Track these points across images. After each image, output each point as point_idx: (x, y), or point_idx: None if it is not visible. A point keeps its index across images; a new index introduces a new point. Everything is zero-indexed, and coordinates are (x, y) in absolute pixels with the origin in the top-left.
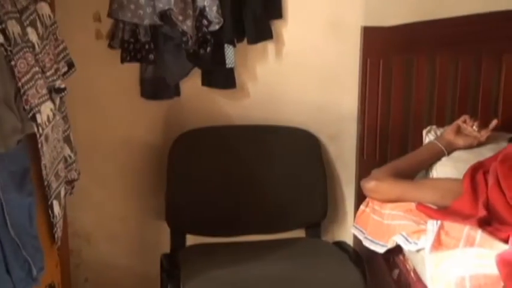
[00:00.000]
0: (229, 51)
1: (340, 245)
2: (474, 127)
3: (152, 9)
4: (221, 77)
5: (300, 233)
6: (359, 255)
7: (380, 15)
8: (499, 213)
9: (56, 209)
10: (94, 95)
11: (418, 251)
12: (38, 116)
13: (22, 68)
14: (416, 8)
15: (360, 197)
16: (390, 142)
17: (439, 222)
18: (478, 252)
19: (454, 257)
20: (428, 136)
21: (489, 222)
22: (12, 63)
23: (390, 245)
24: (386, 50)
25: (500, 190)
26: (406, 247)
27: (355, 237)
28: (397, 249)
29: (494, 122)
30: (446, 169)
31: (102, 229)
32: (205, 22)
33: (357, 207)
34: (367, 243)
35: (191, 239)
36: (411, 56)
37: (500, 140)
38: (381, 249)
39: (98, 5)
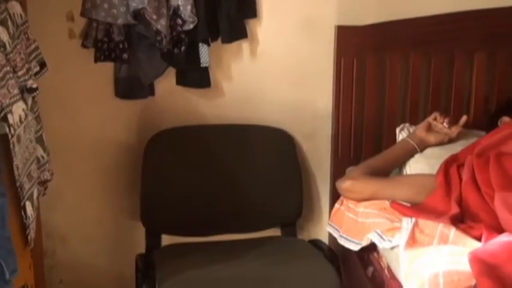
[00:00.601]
0: (203, 50)
1: (316, 243)
2: (445, 124)
3: (126, 8)
4: (196, 76)
5: (275, 232)
6: (334, 253)
7: (354, 15)
8: (472, 209)
9: (29, 210)
10: (67, 95)
11: (392, 248)
12: (9, 116)
13: None
14: (389, 7)
15: (335, 195)
16: (364, 140)
17: (413, 219)
18: (452, 250)
19: (428, 254)
20: (402, 134)
21: (462, 220)
22: None
23: (365, 242)
24: (360, 49)
25: (475, 185)
26: (381, 245)
27: (331, 236)
28: (372, 247)
29: (464, 118)
30: (420, 166)
31: (76, 230)
32: (179, 21)
33: (332, 206)
34: (342, 241)
35: (167, 239)
36: (384, 55)
37: (470, 136)
38: (355, 247)
39: (71, 4)
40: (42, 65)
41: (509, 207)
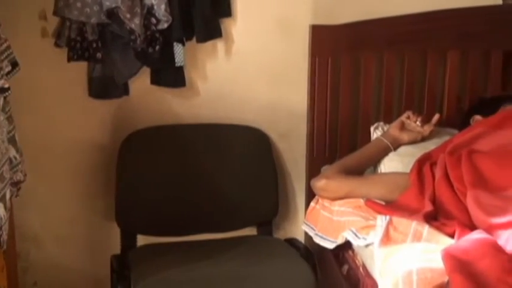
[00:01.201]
0: (178, 49)
1: (292, 242)
2: (418, 122)
3: (99, 7)
4: (170, 76)
5: (251, 231)
6: (310, 252)
7: (328, 14)
8: (445, 206)
9: (1, 211)
10: (40, 95)
11: (367, 246)
12: None
13: None
14: (363, 7)
15: (311, 194)
16: (339, 139)
17: (387, 217)
18: (425, 247)
19: (402, 252)
20: (376, 133)
21: (435, 217)
22: None
23: (340, 240)
24: (334, 49)
25: (448, 182)
26: (356, 242)
27: (307, 234)
28: (347, 245)
29: (436, 117)
30: (394, 164)
31: (50, 231)
32: (153, 20)
33: (307, 204)
34: (317, 240)
35: (142, 239)
36: (359, 54)
37: (443, 134)
38: (330, 245)
39: (43, 2)
40: (14, 64)
41: (481, 206)
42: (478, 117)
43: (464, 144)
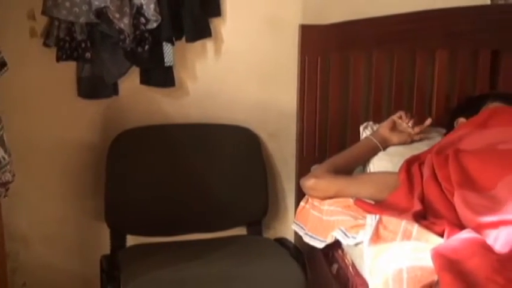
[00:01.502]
0: (167, 49)
1: (281, 242)
2: (409, 124)
3: (88, 6)
4: (160, 76)
5: (241, 231)
6: (300, 252)
7: (317, 14)
8: (434, 206)
9: None
10: (29, 95)
11: (356, 245)
12: None
13: None
14: (353, 6)
15: (300, 194)
16: (329, 138)
17: (377, 216)
18: (415, 246)
19: (391, 250)
20: (366, 132)
21: (425, 216)
22: None
23: (329, 240)
24: (323, 48)
25: (436, 181)
26: (345, 241)
27: (296, 234)
28: (336, 245)
29: (428, 121)
30: (383, 163)
31: (39, 231)
32: (142, 20)
33: (297, 204)
34: (307, 239)
35: (132, 240)
36: (348, 54)
37: (432, 133)
38: (320, 245)
39: (32, 2)
40: (3, 64)
41: (469, 205)
42: (462, 119)
43: (451, 144)
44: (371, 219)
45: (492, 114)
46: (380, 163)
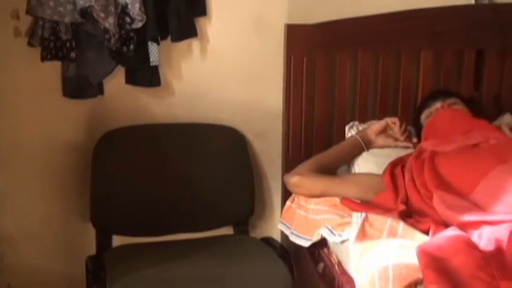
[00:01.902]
0: (153, 48)
1: (268, 241)
2: (399, 133)
3: (73, 6)
4: (145, 75)
5: (228, 231)
6: (286, 251)
7: (303, 13)
8: (417, 206)
9: None
10: (13, 95)
11: (342, 242)
12: None
13: None
14: (338, 6)
15: (287, 193)
16: (315, 138)
17: (363, 214)
18: (400, 243)
19: (377, 248)
20: (351, 132)
21: (410, 215)
22: None
23: (315, 238)
24: (309, 48)
25: (415, 186)
26: (331, 239)
27: (283, 233)
28: (322, 244)
29: (416, 140)
30: (368, 164)
31: (24, 232)
32: (127, 19)
33: (283, 203)
34: (293, 238)
35: (117, 240)
36: (334, 53)
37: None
38: (306, 243)
39: (15, 1)
40: None
41: (448, 205)
42: (423, 116)
43: (429, 147)
44: (357, 217)
45: (439, 127)
46: (365, 164)
